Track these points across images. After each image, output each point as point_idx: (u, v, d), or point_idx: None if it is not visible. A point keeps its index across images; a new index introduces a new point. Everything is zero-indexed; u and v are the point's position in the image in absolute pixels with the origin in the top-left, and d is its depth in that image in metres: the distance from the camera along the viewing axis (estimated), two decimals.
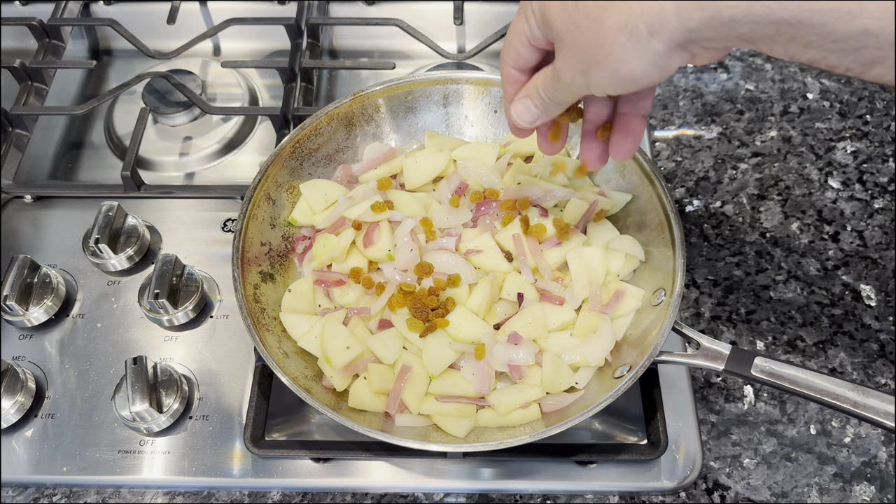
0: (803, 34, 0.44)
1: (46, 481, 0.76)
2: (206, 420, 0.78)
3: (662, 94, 1.05)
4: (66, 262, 0.88)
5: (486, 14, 1.10)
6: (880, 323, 0.85)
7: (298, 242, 0.84)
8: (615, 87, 0.52)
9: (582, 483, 0.74)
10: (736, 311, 0.86)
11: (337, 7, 1.13)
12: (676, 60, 0.49)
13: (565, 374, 0.73)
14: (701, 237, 0.92)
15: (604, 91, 0.53)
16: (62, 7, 1.09)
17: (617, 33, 0.48)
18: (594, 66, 0.51)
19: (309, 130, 0.84)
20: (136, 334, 0.83)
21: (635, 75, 0.50)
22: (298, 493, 0.75)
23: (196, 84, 1.02)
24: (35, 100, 1.02)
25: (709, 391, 0.81)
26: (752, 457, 0.77)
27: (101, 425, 0.78)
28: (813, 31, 0.43)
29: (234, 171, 0.99)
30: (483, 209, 0.82)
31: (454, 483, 0.75)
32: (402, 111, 0.88)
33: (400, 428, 0.72)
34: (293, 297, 0.78)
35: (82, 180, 0.98)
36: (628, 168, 0.81)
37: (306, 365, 0.74)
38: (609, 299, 0.76)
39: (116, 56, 1.13)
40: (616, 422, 0.78)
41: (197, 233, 0.91)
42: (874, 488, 0.75)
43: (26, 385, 0.78)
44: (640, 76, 0.50)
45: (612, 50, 0.49)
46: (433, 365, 0.73)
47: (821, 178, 0.97)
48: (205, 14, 1.13)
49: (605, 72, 0.51)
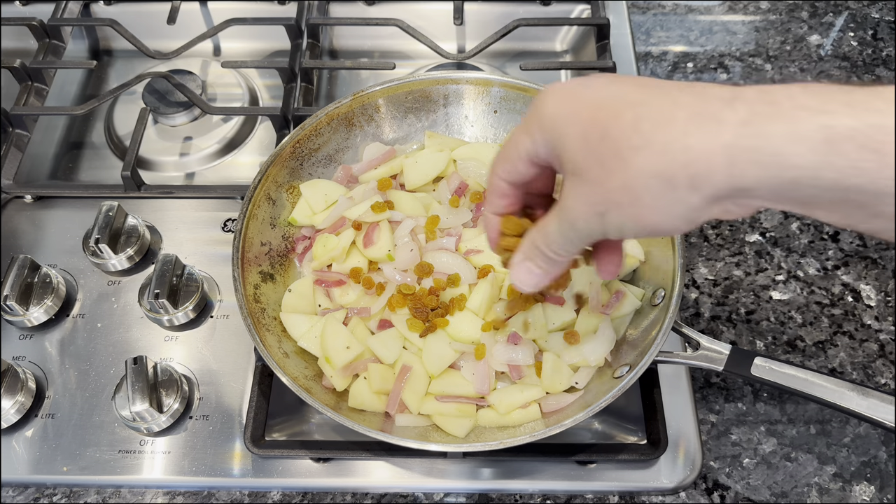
0: (876, 203, 0.37)
1: (46, 481, 0.76)
2: (206, 420, 0.78)
3: None
4: (67, 262, 0.88)
5: (486, 14, 1.10)
6: (880, 323, 0.85)
7: (298, 242, 0.84)
8: (635, 232, 0.45)
9: (582, 483, 0.74)
10: (736, 311, 0.86)
11: (337, 7, 1.13)
12: (708, 215, 0.43)
13: (565, 374, 0.73)
14: (701, 237, 0.92)
15: (621, 235, 0.46)
16: (62, 7, 1.09)
17: (649, 179, 0.41)
18: (615, 208, 0.44)
19: (309, 130, 0.84)
20: (136, 334, 0.83)
21: (661, 227, 0.43)
22: (298, 493, 0.75)
23: (196, 84, 1.02)
24: (35, 100, 1.02)
25: (709, 391, 0.81)
26: (751, 457, 0.77)
27: (102, 425, 0.78)
28: (889, 201, 0.36)
29: (234, 171, 0.99)
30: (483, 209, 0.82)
31: (454, 483, 0.75)
32: (402, 111, 0.88)
33: (400, 428, 0.72)
34: (293, 297, 0.78)
35: (82, 180, 0.99)
36: None
37: (306, 365, 0.74)
38: (609, 299, 0.76)
39: (116, 56, 1.13)
40: (616, 422, 0.78)
41: (197, 233, 0.91)
42: (874, 488, 0.75)
43: (26, 385, 0.78)
44: (666, 228, 0.44)
45: (641, 196, 0.42)
46: (433, 365, 0.73)
47: None
48: (205, 14, 1.13)
49: (626, 216, 0.44)
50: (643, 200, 0.42)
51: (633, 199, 0.42)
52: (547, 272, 0.53)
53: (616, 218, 0.44)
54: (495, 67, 1.08)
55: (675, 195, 0.41)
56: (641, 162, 0.41)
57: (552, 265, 0.52)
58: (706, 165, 0.39)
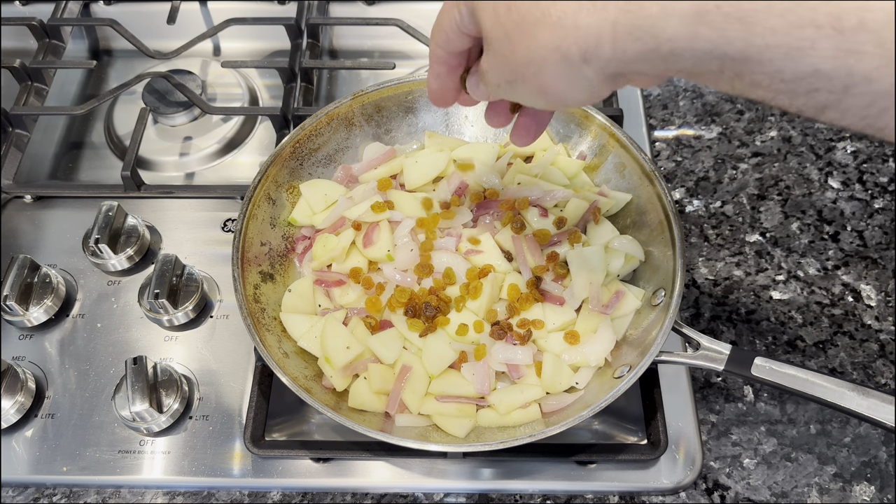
0: (749, 72, 0.39)
1: (46, 481, 0.76)
2: (206, 420, 0.78)
3: (662, 94, 1.05)
4: (66, 262, 0.88)
5: None
6: (880, 323, 0.85)
7: (298, 242, 0.84)
8: (543, 104, 0.50)
9: (582, 483, 0.74)
10: (736, 311, 0.86)
11: (337, 7, 1.13)
12: (608, 88, 0.47)
13: (565, 374, 0.73)
14: (701, 237, 0.92)
15: (530, 104, 0.51)
16: (62, 7, 1.09)
17: (549, 53, 0.45)
18: (521, 80, 0.48)
19: (309, 130, 0.84)
20: (136, 334, 0.83)
21: (564, 98, 0.48)
22: (298, 493, 0.75)
23: (196, 84, 1.02)
24: (35, 100, 1.02)
25: (709, 391, 0.81)
26: (752, 457, 0.77)
27: (101, 425, 0.78)
28: (760, 69, 0.39)
29: (234, 171, 0.99)
30: (483, 209, 0.82)
31: (454, 483, 0.75)
32: (402, 111, 0.88)
33: (400, 428, 0.72)
34: (293, 297, 0.78)
35: (82, 180, 0.98)
36: (628, 168, 0.81)
37: (306, 365, 0.74)
38: (609, 299, 0.76)
39: (116, 56, 1.13)
40: (616, 422, 0.78)
41: (197, 233, 0.91)
42: (874, 488, 0.75)
43: (26, 385, 0.78)
44: (569, 99, 0.48)
45: (542, 68, 0.46)
46: (433, 365, 0.73)
47: (821, 178, 0.97)
48: (205, 14, 1.13)
49: (532, 88, 0.48)
50: (545, 73, 0.46)
51: (536, 71, 0.46)
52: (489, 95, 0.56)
53: (523, 88, 0.49)
54: None
55: (572, 69, 0.45)
56: (540, 35, 0.44)
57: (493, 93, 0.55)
58: (595, 41, 0.43)
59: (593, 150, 0.85)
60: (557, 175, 0.84)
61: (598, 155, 0.84)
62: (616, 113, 0.93)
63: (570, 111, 0.84)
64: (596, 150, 0.84)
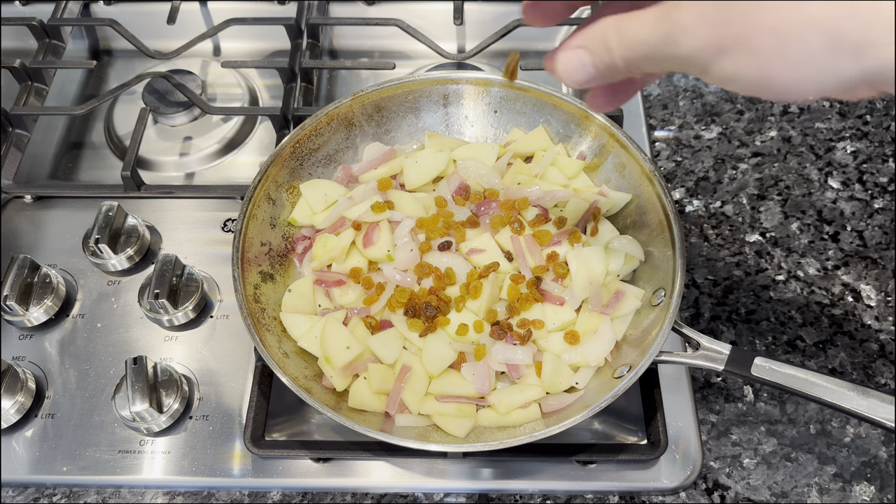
0: None
1: (46, 481, 0.76)
2: (206, 420, 0.78)
3: (662, 94, 1.05)
4: (66, 262, 0.88)
5: (486, 14, 1.10)
6: (880, 323, 0.85)
7: (298, 242, 0.84)
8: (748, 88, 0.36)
9: (582, 483, 0.74)
10: (736, 311, 0.86)
11: (337, 7, 1.13)
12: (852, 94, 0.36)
13: (565, 374, 0.73)
14: (701, 237, 0.92)
15: (721, 83, 0.37)
16: (62, 7, 1.09)
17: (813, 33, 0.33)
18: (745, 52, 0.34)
19: (309, 130, 0.84)
20: (136, 334, 0.83)
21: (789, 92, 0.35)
22: (298, 493, 0.75)
23: (196, 84, 1.02)
24: (35, 100, 1.02)
25: (709, 391, 0.81)
26: (752, 457, 0.77)
27: (101, 425, 0.78)
28: None
29: (234, 171, 0.99)
30: (483, 209, 0.82)
31: (454, 483, 0.75)
32: (402, 111, 0.88)
33: (400, 428, 0.72)
34: (293, 297, 0.78)
35: (82, 180, 0.99)
36: (628, 168, 0.81)
37: (306, 365, 0.74)
38: (609, 299, 0.76)
39: (116, 56, 1.13)
40: (616, 422, 0.78)
41: (197, 233, 0.91)
42: (874, 488, 0.75)
43: (26, 385, 0.78)
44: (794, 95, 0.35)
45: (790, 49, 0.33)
46: (433, 365, 0.73)
47: (821, 178, 0.97)
48: (205, 14, 1.13)
49: (754, 67, 0.35)
50: (791, 55, 0.33)
51: (779, 48, 0.33)
52: (599, 76, 0.42)
53: (737, 63, 0.35)
54: (495, 67, 1.07)
55: (833, 60, 0.33)
56: (812, 6, 0.32)
57: (609, 71, 0.41)
58: (880, 34, 0.31)
59: (593, 150, 0.85)
60: (557, 175, 0.84)
61: (598, 155, 0.84)
62: (616, 113, 0.93)
63: (570, 111, 0.84)
64: (596, 150, 0.84)
